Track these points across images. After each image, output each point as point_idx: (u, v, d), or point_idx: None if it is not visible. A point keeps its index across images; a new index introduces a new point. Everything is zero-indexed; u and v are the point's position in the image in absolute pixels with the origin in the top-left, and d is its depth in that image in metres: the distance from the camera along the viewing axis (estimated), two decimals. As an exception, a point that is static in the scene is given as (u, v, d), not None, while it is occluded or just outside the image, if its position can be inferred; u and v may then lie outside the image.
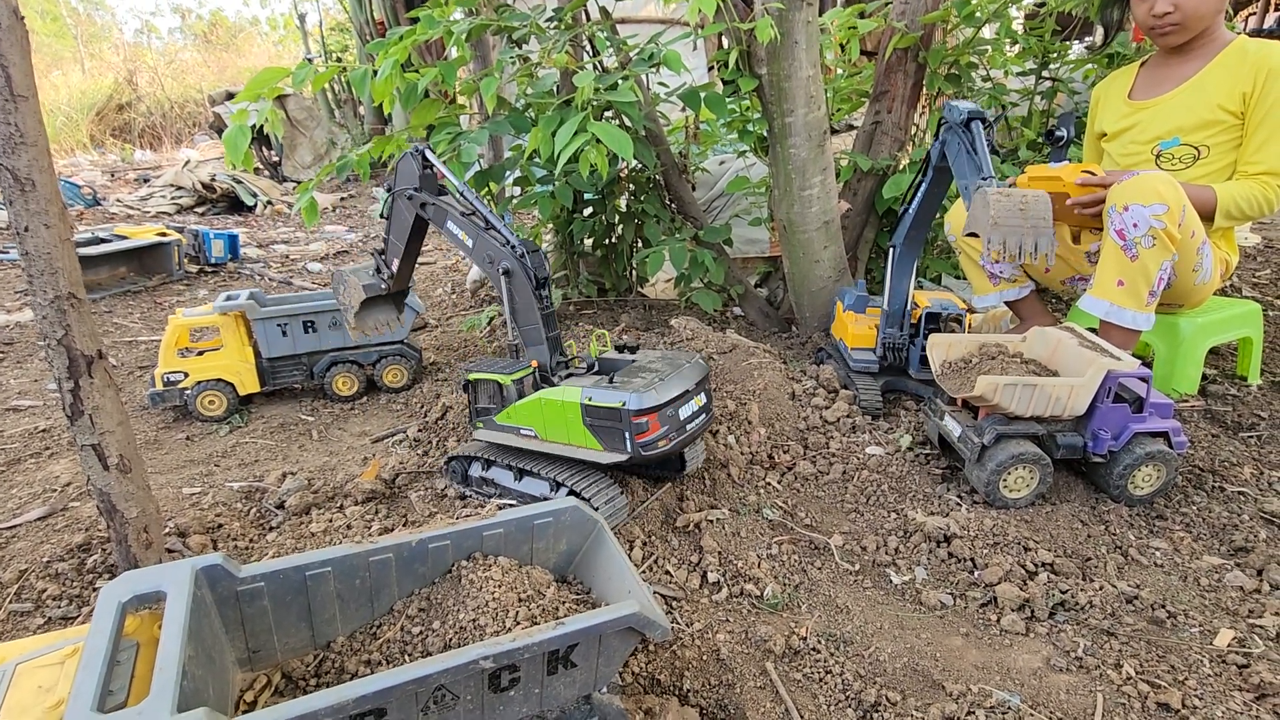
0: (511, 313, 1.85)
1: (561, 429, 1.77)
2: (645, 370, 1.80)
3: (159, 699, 0.80)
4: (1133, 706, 1.27)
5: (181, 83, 12.72)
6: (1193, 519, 1.80)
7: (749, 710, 1.28)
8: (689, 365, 1.83)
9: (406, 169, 1.97)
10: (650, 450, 1.68)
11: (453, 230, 1.92)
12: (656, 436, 1.68)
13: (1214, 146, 2.21)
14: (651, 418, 1.66)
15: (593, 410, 1.69)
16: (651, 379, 1.73)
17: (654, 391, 1.67)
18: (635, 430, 1.65)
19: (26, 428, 2.59)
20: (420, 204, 1.96)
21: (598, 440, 1.72)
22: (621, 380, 1.73)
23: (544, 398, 1.78)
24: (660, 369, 1.79)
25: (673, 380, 1.73)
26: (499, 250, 1.82)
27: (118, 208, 6.71)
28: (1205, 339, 2.34)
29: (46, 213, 1.33)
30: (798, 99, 2.56)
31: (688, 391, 1.75)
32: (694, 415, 1.78)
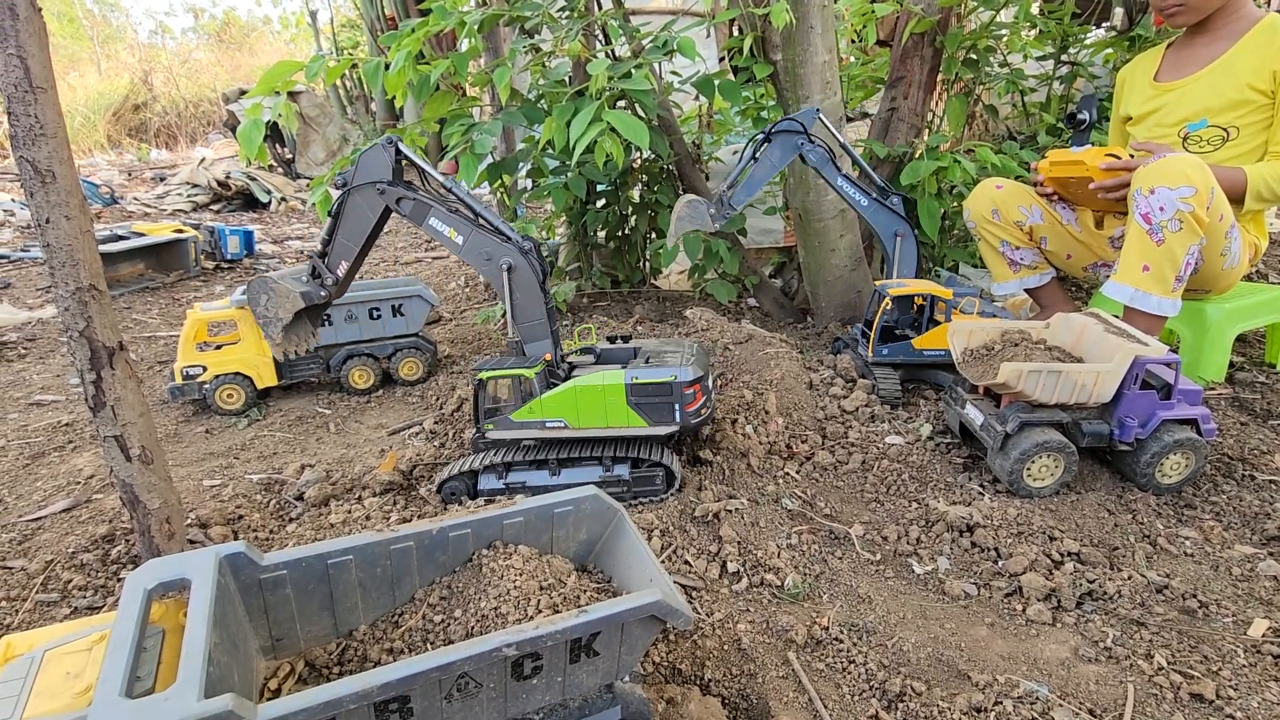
0: (513, 309, 1.83)
1: (599, 413, 1.82)
2: (663, 352, 1.91)
3: (186, 685, 0.80)
4: (1165, 697, 1.24)
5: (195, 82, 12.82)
6: (1223, 508, 1.76)
7: (772, 700, 1.27)
8: (697, 346, 1.96)
9: (375, 160, 1.82)
10: (696, 419, 1.83)
11: (437, 227, 1.82)
12: (700, 406, 1.83)
13: (1243, 128, 2.16)
14: (696, 388, 1.81)
15: (640, 389, 1.79)
16: (681, 356, 1.86)
17: (695, 364, 1.82)
18: (685, 401, 1.79)
19: (50, 422, 2.62)
20: (395, 199, 1.83)
21: (642, 417, 1.81)
22: (655, 360, 1.85)
23: (579, 385, 1.80)
24: (677, 350, 1.92)
25: (699, 356, 1.88)
26: (498, 247, 1.79)
27: (135, 206, 6.78)
28: (1233, 325, 2.29)
29: (67, 204, 1.33)
30: (813, 85, 2.53)
31: (711, 366, 1.91)
32: (713, 389, 1.93)
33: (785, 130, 2.27)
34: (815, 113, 2.26)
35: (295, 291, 1.92)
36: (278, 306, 1.94)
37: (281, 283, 1.94)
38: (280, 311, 1.94)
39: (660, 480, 1.84)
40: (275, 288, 1.93)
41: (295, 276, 1.99)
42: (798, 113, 2.26)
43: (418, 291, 2.80)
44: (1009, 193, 2.48)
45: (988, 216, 2.52)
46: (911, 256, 2.34)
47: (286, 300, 1.93)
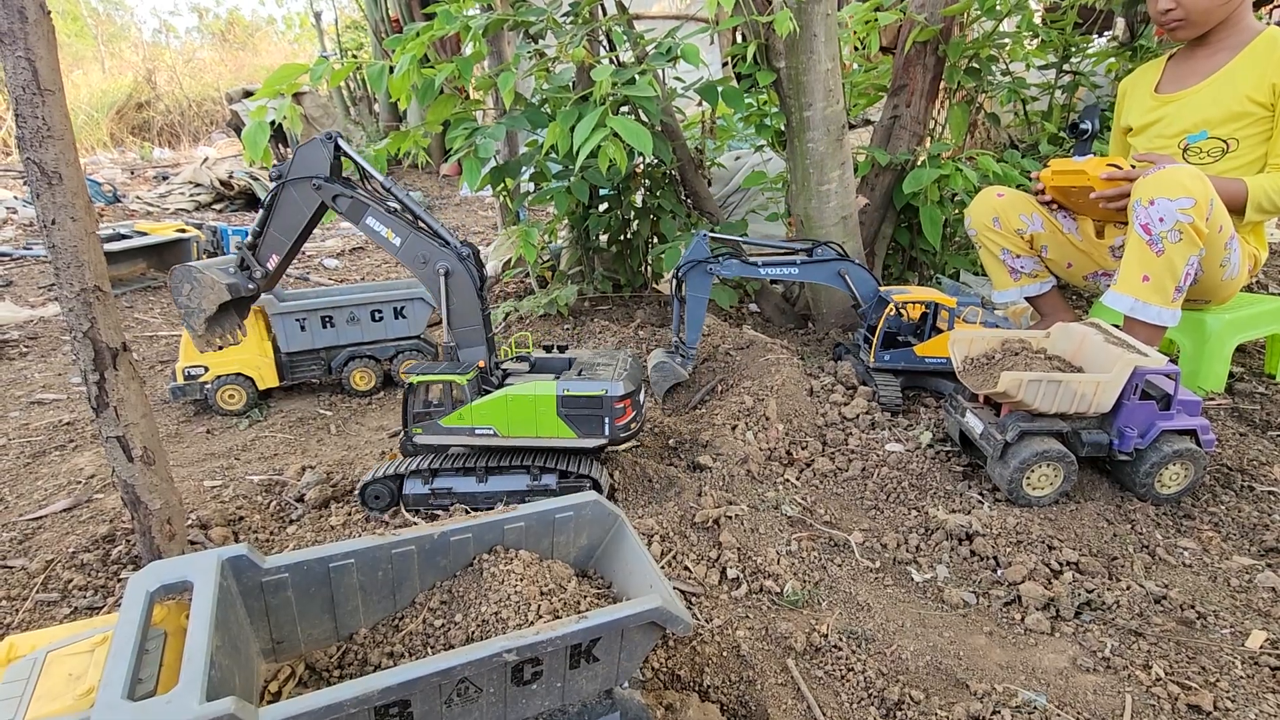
0: (449, 314, 1.83)
1: (529, 423, 1.82)
2: (598, 364, 1.93)
3: (188, 688, 0.80)
4: (1162, 708, 1.24)
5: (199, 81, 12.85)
6: (1221, 518, 1.76)
7: (770, 707, 1.27)
8: (632, 360, 1.97)
9: (312, 155, 1.79)
10: (625, 432, 1.83)
11: (374, 227, 1.80)
12: (630, 420, 1.84)
13: (1243, 140, 2.17)
14: (626, 403, 1.82)
15: (571, 401, 1.80)
16: (614, 370, 1.87)
17: (627, 379, 1.83)
18: (614, 415, 1.80)
19: (51, 420, 2.62)
20: (332, 195, 1.80)
21: (572, 429, 1.82)
22: (588, 373, 1.86)
23: (510, 394, 1.80)
24: (610, 363, 1.93)
25: (629, 372, 1.88)
26: (436, 251, 1.78)
27: (138, 205, 6.79)
28: (1232, 336, 2.29)
29: (73, 206, 1.34)
30: (816, 92, 2.54)
31: (647, 380, 1.91)
32: (643, 403, 1.95)
33: (689, 268, 2.34)
34: (704, 237, 2.34)
35: (221, 283, 1.87)
36: (201, 297, 1.89)
37: (206, 272, 1.89)
38: (204, 302, 1.89)
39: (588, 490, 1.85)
40: (199, 277, 1.88)
41: (222, 267, 1.95)
42: (688, 249, 2.35)
43: (420, 294, 2.81)
44: (1010, 201, 2.49)
45: (989, 224, 2.53)
46: (864, 280, 2.38)
47: (211, 291, 1.88)
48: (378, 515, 1.88)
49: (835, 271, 2.39)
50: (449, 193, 7.54)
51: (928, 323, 2.33)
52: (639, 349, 2.72)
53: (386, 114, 8.34)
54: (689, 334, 2.39)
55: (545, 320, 3.18)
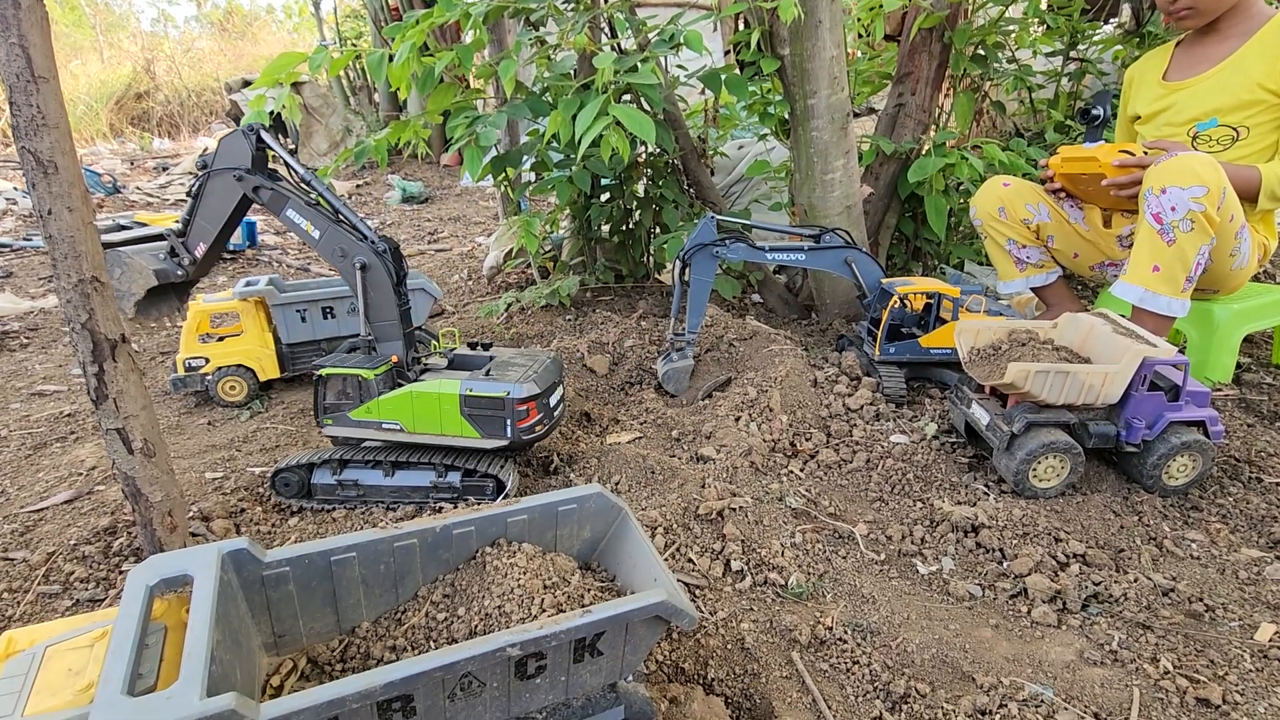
0: (365, 308, 1.84)
1: (434, 420, 1.82)
2: (512, 365, 1.90)
3: (188, 683, 0.80)
4: (1171, 701, 1.23)
5: (198, 71, 12.77)
6: (1229, 510, 1.75)
7: (775, 700, 1.26)
8: (549, 361, 1.95)
9: (234, 147, 1.83)
10: (528, 435, 1.82)
11: (294, 219, 1.83)
12: (534, 423, 1.83)
13: (1254, 127, 2.14)
14: (531, 405, 1.80)
15: (474, 400, 1.78)
16: (523, 371, 1.85)
17: (532, 382, 1.81)
18: (517, 417, 1.78)
19: (52, 412, 2.61)
20: (253, 187, 1.83)
21: (475, 429, 1.81)
22: (496, 373, 1.84)
23: (416, 391, 1.80)
24: (526, 363, 1.90)
25: (542, 373, 1.87)
26: (354, 245, 1.79)
27: (138, 195, 6.76)
28: (1240, 326, 2.27)
29: (69, 196, 1.32)
30: (820, 80, 2.51)
31: (556, 383, 1.92)
32: (557, 405, 1.94)
33: (695, 251, 2.31)
34: (711, 219, 2.31)
35: (148, 268, 1.94)
36: (130, 281, 1.96)
37: (135, 258, 1.96)
38: (133, 286, 1.96)
39: (490, 490, 1.86)
40: (129, 262, 1.95)
41: (154, 253, 2.00)
42: (694, 231, 2.32)
43: (420, 285, 2.78)
44: (1016, 190, 2.47)
45: (994, 214, 2.50)
46: (870, 267, 2.36)
47: (139, 276, 1.95)
48: (298, 502, 1.90)
49: (842, 259, 2.37)
50: (450, 183, 7.51)
51: (932, 314, 2.31)
52: (641, 339, 2.71)
53: (387, 103, 8.28)
54: (690, 319, 2.37)
55: (547, 311, 3.16)
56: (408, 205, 6.64)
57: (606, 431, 2.29)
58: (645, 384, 2.54)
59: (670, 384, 2.40)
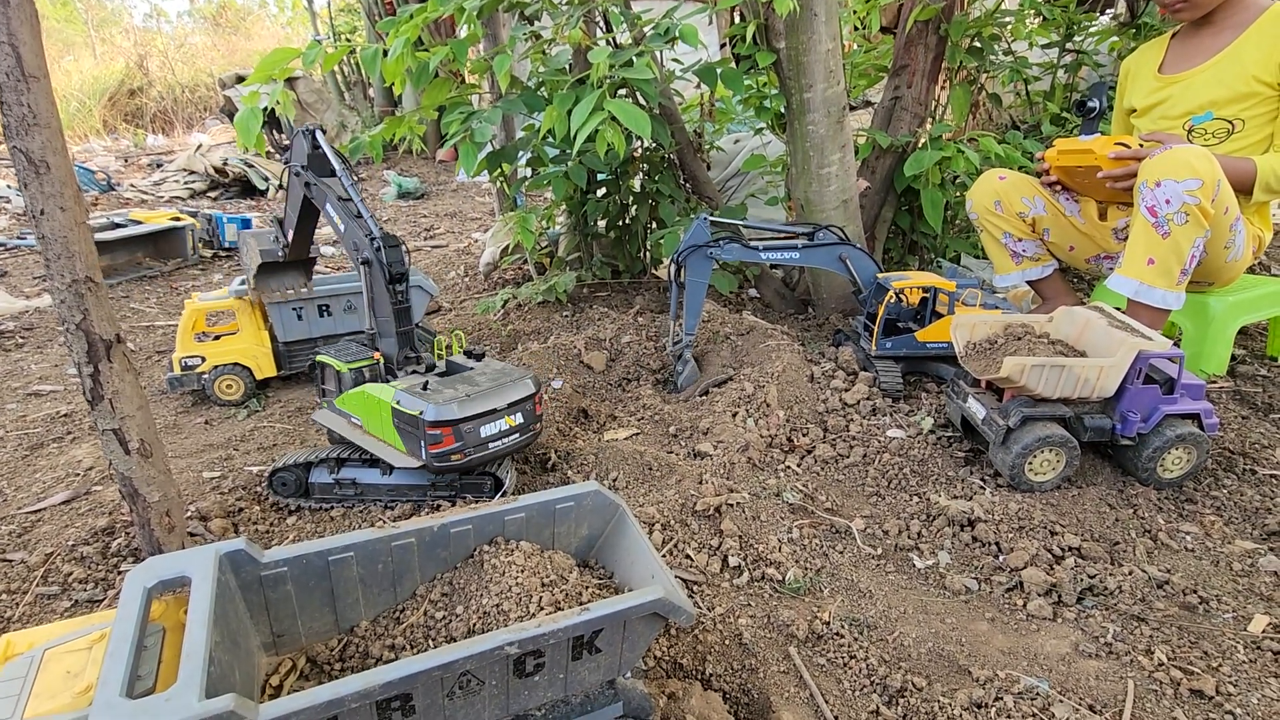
0: (368, 302, 1.87)
1: (379, 424, 1.82)
2: (467, 382, 1.81)
3: (187, 685, 0.80)
4: (1165, 693, 1.24)
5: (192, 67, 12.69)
6: (1223, 502, 1.76)
7: (772, 695, 1.27)
8: (513, 383, 1.82)
9: (297, 147, 1.98)
10: (442, 462, 1.69)
11: (330, 213, 1.92)
12: (449, 450, 1.69)
13: (1249, 120, 2.13)
14: (446, 430, 1.67)
15: (398, 414, 1.74)
16: (464, 392, 1.74)
17: (455, 405, 1.69)
18: (430, 440, 1.67)
19: (48, 412, 2.61)
20: (305, 183, 1.97)
21: (403, 442, 1.76)
22: (435, 388, 1.75)
23: (366, 391, 1.81)
24: (480, 383, 1.79)
25: (483, 397, 1.74)
26: (362, 240, 1.82)
27: (132, 193, 6.73)
28: (1235, 318, 2.28)
29: (62, 195, 1.32)
30: (816, 73, 2.50)
31: (495, 410, 1.74)
32: (500, 435, 1.78)
33: (689, 253, 2.31)
34: (704, 220, 2.32)
35: (257, 248, 2.23)
36: (248, 258, 2.29)
37: (251, 239, 2.27)
38: (249, 261, 2.27)
39: (488, 488, 1.86)
40: (248, 242, 2.24)
41: (268, 235, 2.29)
42: (688, 233, 2.32)
43: (417, 281, 2.78)
44: (1012, 184, 2.46)
45: (990, 208, 2.50)
46: (864, 263, 2.37)
47: (253, 255, 2.27)
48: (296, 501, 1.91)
49: (836, 256, 2.37)
50: (445, 178, 7.49)
51: (928, 308, 2.31)
52: (638, 335, 2.71)
53: (382, 99, 8.25)
54: (688, 321, 2.37)
55: (544, 307, 3.16)
56: (403, 201, 6.62)
57: (604, 428, 2.29)
58: (642, 380, 2.55)
59: (685, 390, 2.42)
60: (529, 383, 1.84)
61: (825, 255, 2.37)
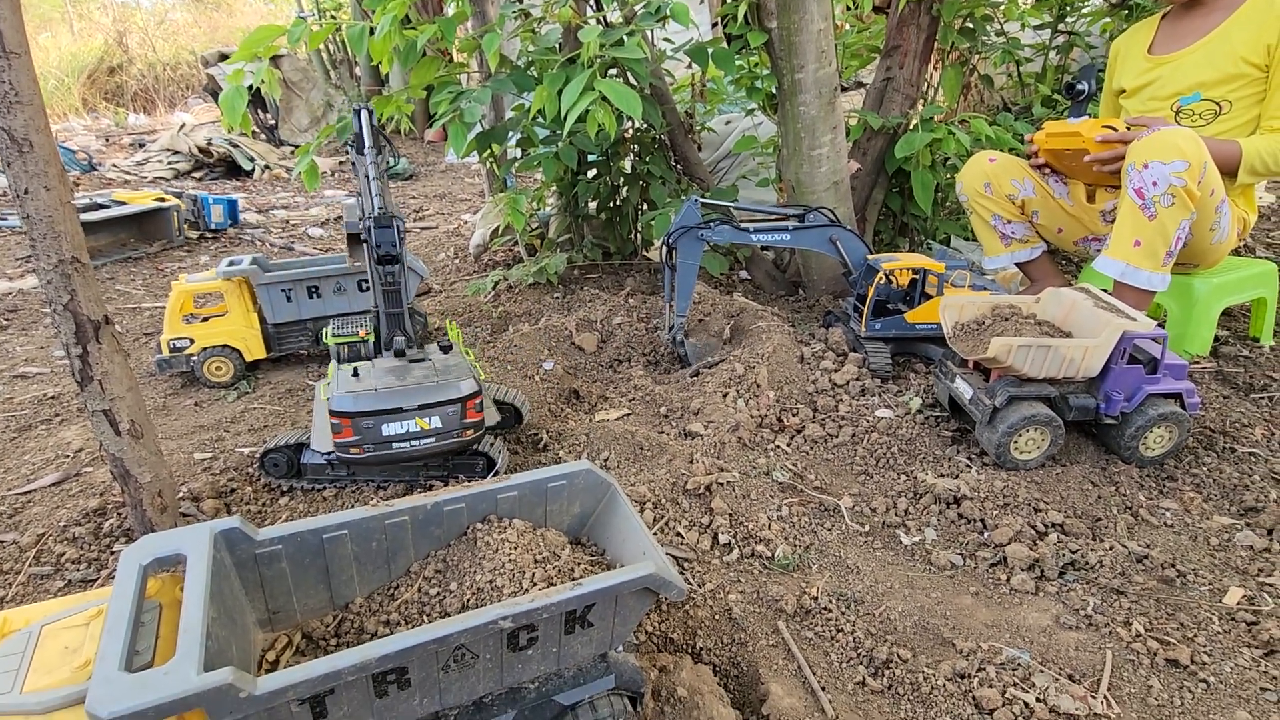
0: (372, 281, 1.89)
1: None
2: (398, 374, 1.75)
3: (185, 659, 0.81)
4: (1141, 663, 1.28)
5: (173, 44, 12.43)
6: (1203, 479, 1.80)
7: (761, 667, 1.30)
8: (440, 385, 1.71)
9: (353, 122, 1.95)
10: (343, 453, 1.68)
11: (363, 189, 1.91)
12: (348, 442, 1.67)
13: (1236, 102, 2.15)
14: (345, 422, 1.64)
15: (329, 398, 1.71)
16: (376, 385, 1.69)
17: (355, 397, 1.65)
18: (333, 429, 1.66)
19: (36, 394, 2.59)
20: (352, 162, 1.96)
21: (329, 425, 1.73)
22: (363, 376, 1.73)
23: (330, 371, 1.82)
24: (407, 379, 1.73)
25: (393, 394, 1.68)
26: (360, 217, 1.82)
27: (114, 173, 6.62)
28: (1219, 300, 2.31)
29: (45, 174, 1.30)
30: (808, 54, 2.49)
31: (400, 410, 1.67)
32: (409, 436, 1.70)
33: (680, 234, 2.30)
34: (695, 202, 2.31)
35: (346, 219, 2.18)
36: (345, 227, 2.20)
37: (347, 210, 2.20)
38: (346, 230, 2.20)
39: (480, 468, 1.87)
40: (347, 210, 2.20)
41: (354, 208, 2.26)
42: (679, 214, 2.32)
43: (407, 263, 2.76)
44: (1002, 166, 2.48)
45: (980, 190, 2.52)
46: (855, 246, 2.38)
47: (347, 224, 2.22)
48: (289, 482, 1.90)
49: (827, 238, 2.38)
50: (435, 159, 7.41)
51: (917, 289, 2.33)
52: (629, 317, 2.71)
53: (369, 78, 8.13)
54: (679, 302, 2.37)
55: (535, 289, 3.15)
56: (392, 182, 6.56)
57: (595, 409, 2.30)
58: (634, 361, 2.56)
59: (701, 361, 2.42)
60: (460, 386, 1.72)
61: (816, 237, 2.38)
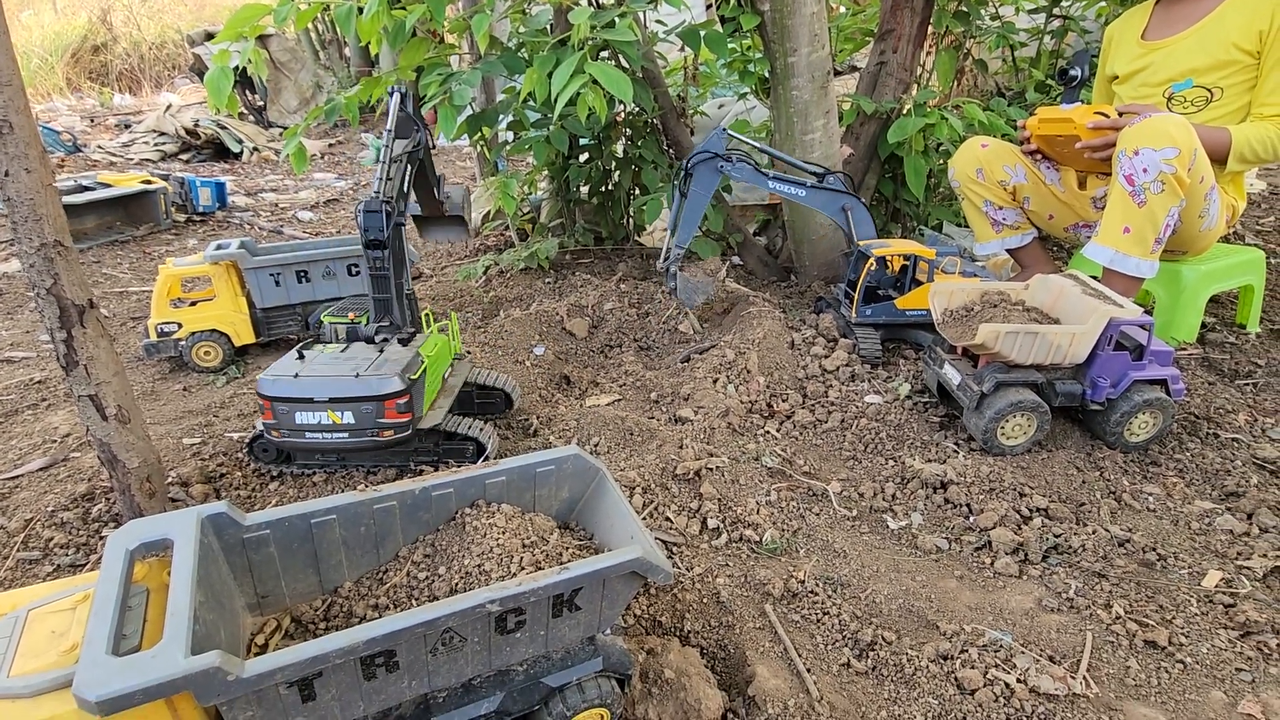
0: None
1: None
2: (332, 363, 1.74)
3: (172, 642, 0.81)
4: (1121, 644, 1.30)
5: (158, 22, 12.20)
6: (1186, 465, 1.82)
7: (748, 649, 1.31)
8: (356, 379, 1.65)
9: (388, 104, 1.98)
10: (268, 434, 1.71)
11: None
12: (270, 424, 1.69)
13: (1228, 88, 2.15)
14: (266, 404, 1.67)
15: None
16: (309, 371, 1.69)
17: (275, 380, 1.67)
18: (262, 410, 1.68)
19: (22, 379, 2.57)
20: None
21: None
22: (307, 360, 1.74)
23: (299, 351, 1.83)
24: (332, 369, 1.70)
25: (311, 383, 1.66)
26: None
27: (99, 154, 6.53)
28: (1207, 287, 2.32)
29: (26, 156, 1.28)
30: (801, 37, 2.47)
31: (312, 400, 1.65)
32: (321, 428, 1.68)
33: (701, 160, 2.26)
34: (723, 132, 2.27)
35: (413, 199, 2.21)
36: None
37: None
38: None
39: (470, 452, 1.88)
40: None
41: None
42: (705, 140, 2.27)
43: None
44: (994, 152, 2.47)
45: (972, 176, 2.51)
46: (865, 221, 2.36)
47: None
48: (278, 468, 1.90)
49: (840, 206, 2.35)
50: (426, 142, 7.33)
51: (908, 275, 2.33)
52: (621, 302, 2.71)
53: (358, 58, 8.02)
54: (682, 231, 2.30)
55: (526, 274, 3.14)
56: (383, 165, 6.49)
57: (586, 394, 2.31)
58: (625, 347, 2.56)
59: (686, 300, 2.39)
60: (380, 385, 1.64)
61: (829, 200, 2.35)
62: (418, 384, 1.74)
